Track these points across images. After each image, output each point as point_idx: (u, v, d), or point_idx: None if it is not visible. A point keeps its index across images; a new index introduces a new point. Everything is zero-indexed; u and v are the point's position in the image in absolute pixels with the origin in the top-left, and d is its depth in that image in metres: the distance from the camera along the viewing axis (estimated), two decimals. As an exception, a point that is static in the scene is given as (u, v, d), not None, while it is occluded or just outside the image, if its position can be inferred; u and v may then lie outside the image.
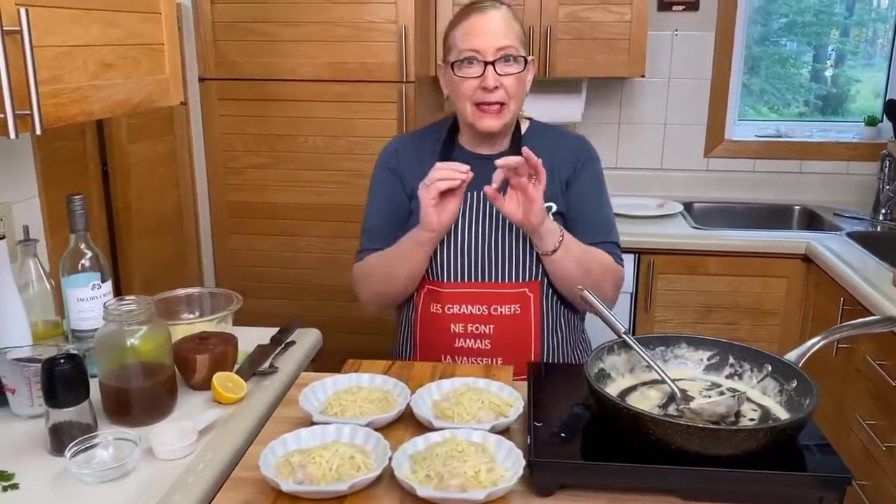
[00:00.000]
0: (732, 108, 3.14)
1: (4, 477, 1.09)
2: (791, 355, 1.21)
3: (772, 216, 3.03)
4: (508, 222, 1.51)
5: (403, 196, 1.63)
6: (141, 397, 1.24)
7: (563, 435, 1.12)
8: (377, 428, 1.17)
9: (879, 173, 2.86)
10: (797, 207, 3.03)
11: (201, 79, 2.57)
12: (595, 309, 1.31)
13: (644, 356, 1.23)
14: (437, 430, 1.14)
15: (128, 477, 1.10)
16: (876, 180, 2.89)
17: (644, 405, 1.15)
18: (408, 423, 1.22)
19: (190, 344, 1.38)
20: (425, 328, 1.59)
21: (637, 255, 2.60)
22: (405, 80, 2.47)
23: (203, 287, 2.11)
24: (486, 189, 1.41)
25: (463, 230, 1.55)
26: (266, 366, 1.45)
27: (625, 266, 1.63)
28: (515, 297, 1.55)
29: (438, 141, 1.64)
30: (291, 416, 1.25)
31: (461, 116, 1.58)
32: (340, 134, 2.55)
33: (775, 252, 2.55)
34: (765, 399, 1.20)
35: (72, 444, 1.11)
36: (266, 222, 2.67)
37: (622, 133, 3.17)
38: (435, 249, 1.54)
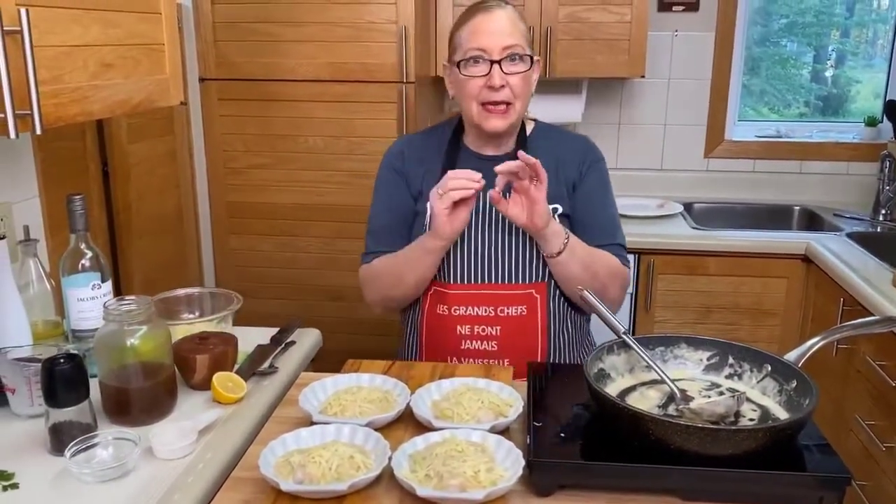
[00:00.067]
0: (732, 109, 3.14)
1: (4, 476, 1.09)
2: (791, 355, 1.21)
3: (772, 217, 3.03)
4: (514, 224, 1.51)
5: (409, 197, 1.62)
6: (141, 397, 1.24)
7: (563, 435, 1.12)
8: (377, 428, 1.17)
9: (879, 174, 2.86)
10: (797, 208, 3.04)
11: (201, 79, 2.58)
12: (595, 309, 1.31)
13: (643, 356, 1.23)
14: (437, 430, 1.14)
15: (127, 476, 1.10)
16: (876, 181, 2.89)
17: (643, 405, 1.15)
18: (407, 423, 1.22)
19: (190, 344, 1.38)
20: (431, 330, 1.59)
21: (637, 256, 2.60)
22: (405, 81, 2.47)
23: (203, 287, 2.11)
24: (490, 193, 1.41)
25: (469, 232, 1.54)
26: (266, 366, 1.46)
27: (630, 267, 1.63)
28: (522, 299, 1.54)
29: (443, 142, 1.63)
30: (291, 416, 1.25)
31: (467, 117, 1.57)
32: (340, 134, 2.56)
33: (775, 252, 2.55)
34: (764, 399, 1.20)
35: (72, 444, 1.11)
36: (266, 222, 2.67)
37: (622, 133, 3.17)
38: None
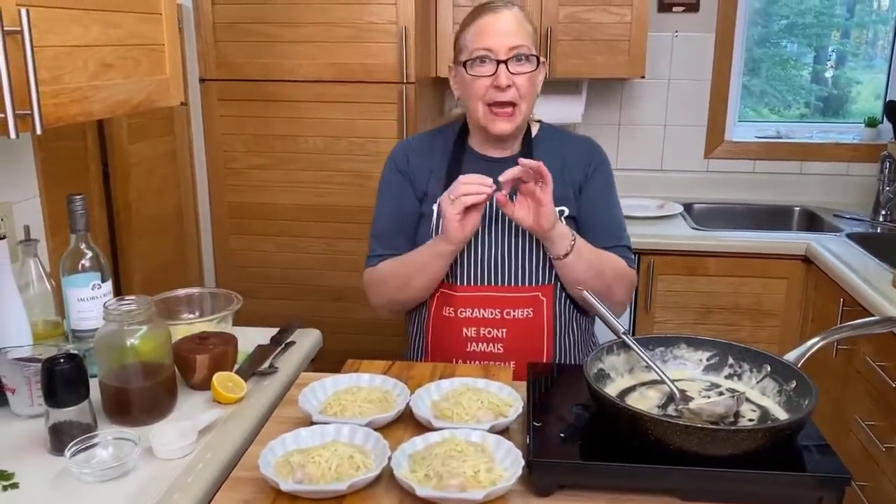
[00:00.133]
0: (732, 110, 3.14)
1: (4, 476, 1.09)
2: (790, 356, 1.21)
3: (772, 217, 3.03)
4: (520, 227, 1.50)
5: (414, 199, 1.61)
6: (141, 397, 1.24)
7: (562, 435, 1.13)
8: (377, 428, 1.17)
9: (879, 174, 2.87)
10: (797, 208, 3.03)
11: (202, 79, 2.58)
12: (595, 309, 1.31)
13: (643, 356, 1.23)
14: (437, 430, 1.14)
15: (127, 476, 1.10)
16: (876, 181, 2.89)
17: (643, 405, 1.15)
18: (407, 423, 1.22)
19: (190, 344, 1.39)
20: (437, 332, 1.58)
21: (637, 256, 2.58)
22: (405, 81, 2.47)
23: (203, 287, 2.11)
24: (497, 196, 1.41)
25: (476, 235, 1.53)
26: (266, 366, 1.46)
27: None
28: (528, 301, 1.54)
29: (448, 144, 1.63)
30: (291, 416, 1.25)
31: (472, 118, 1.56)
32: (341, 135, 2.56)
33: (775, 253, 2.55)
34: (764, 399, 1.20)
35: (72, 444, 1.11)
36: (266, 223, 2.67)
37: (622, 134, 3.17)
38: None
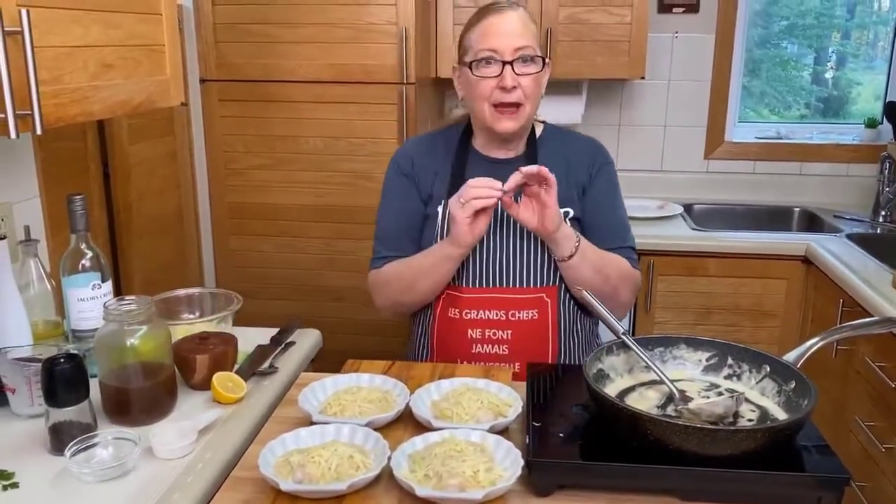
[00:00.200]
0: (732, 110, 3.14)
1: (4, 476, 1.09)
2: (790, 356, 1.21)
3: (772, 218, 3.03)
4: (525, 228, 1.50)
5: (419, 201, 1.61)
6: (141, 397, 1.24)
7: (562, 435, 1.13)
8: (376, 428, 1.17)
9: (879, 175, 2.87)
10: (797, 209, 3.04)
11: (202, 80, 2.58)
12: (594, 309, 1.32)
13: (642, 357, 1.23)
14: (436, 430, 1.15)
15: (127, 476, 1.10)
16: (876, 182, 2.89)
17: (642, 405, 1.15)
18: (407, 423, 1.22)
19: (190, 344, 1.39)
20: (442, 333, 1.58)
21: (637, 257, 2.59)
22: (405, 82, 2.47)
23: (203, 287, 2.11)
24: (502, 198, 1.41)
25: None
26: (266, 366, 1.46)
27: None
28: (533, 303, 1.54)
29: (452, 145, 1.62)
30: (291, 416, 1.25)
31: (478, 119, 1.56)
32: (341, 135, 2.56)
33: (775, 254, 2.55)
34: (763, 400, 1.20)
35: (71, 444, 1.11)
36: (266, 223, 2.67)
37: (622, 135, 3.17)
38: None
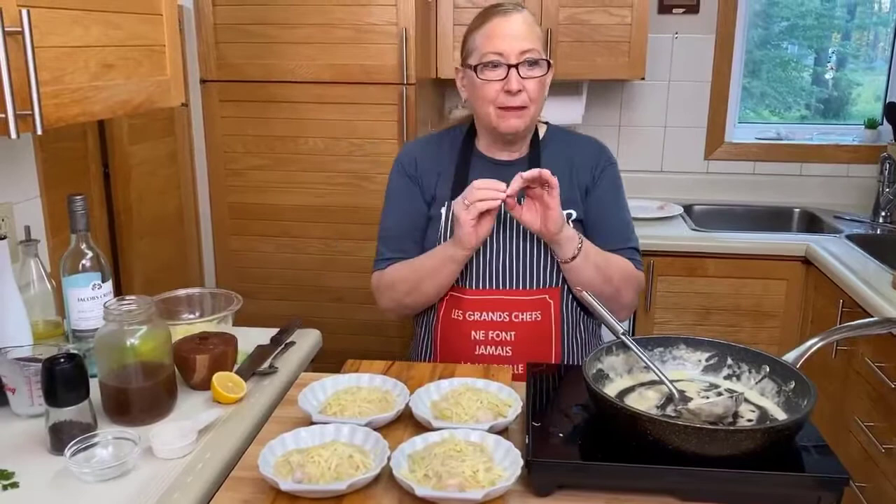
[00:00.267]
0: (732, 111, 3.15)
1: (4, 476, 1.09)
2: (789, 356, 1.21)
3: (772, 218, 3.03)
4: (528, 230, 1.50)
5: (422, 203, 1.61)
6: (141, 397, 1.24)
7: (561, 435, 1.13)
8: (376, 428, 1.17)
9: (879, 176, 2.87)
10: (797, 210, 3.04)
11: (202, 80, 2.58)
12: (594, 309, 1.32)
13: (642, 357, 1.23)
14: (436, 430, 1.15)
15: (127, 476, 1.10)
16: (876, 183, 2.90)
17: (642, 406, 1.15)
18: (407, 423, 1.22)
19: (190, 344, 1.39)
20: (446, 335, 1.58)
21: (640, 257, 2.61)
22: (406, 83, 2.47)
23: (203, 287, 2.12)
24: (504, 200, 1.40)
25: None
26: (266, 366, 1.46)
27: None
28: (536, 304, 1.54)
29: (455, 146, 1.62)
30: (291, 416, 1.26)
31: (482, 120, 1.56)
32: (341, 136, 2.56)
33: (775, 254, 2.55)
34: (763, 400, 1.20)
35: (71, 444, 1.11)
36: (267, 224, 2.67)
37: (622, 135, 3.17)
38: None
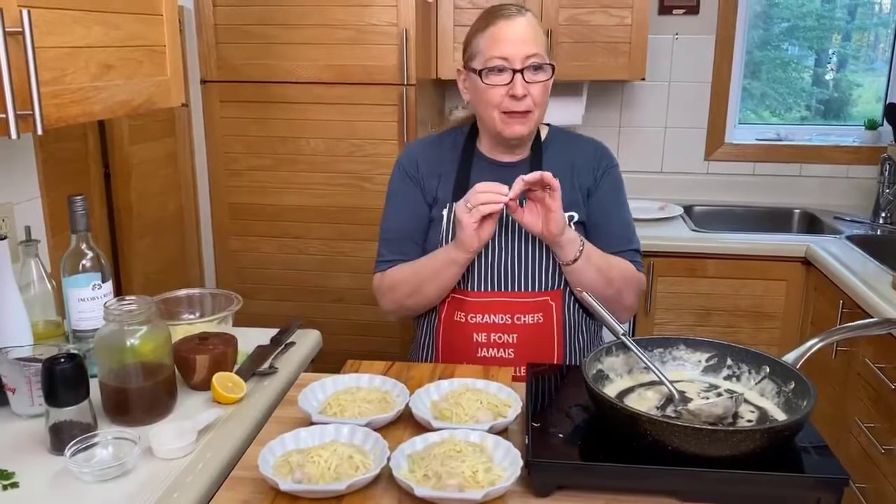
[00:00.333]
0: (732, 112, 3.15)
1: (4, 476, 1.09)
2: (789, 357, 1.21)
3: (772, 219, 3.03)
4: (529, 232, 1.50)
5: (424, 204, 1.61)
6: (141, 397, 1.24)
7: (561, 435, 1.13)
8: (376, 428, 1.17)
9: (879, 177, 2.87)
10: (797, 211, 3.04)
11: (203, 81, 2.58)
12: (594, 310, 1.32)
13: (641, 357, 1.23)
14: (436, 431, 1.15)
15: (127, 476, 1.10)
16: (876, 184, 2.90)
17: (642, 406, 1.15)
18: (406, 424, 1.22)
19: (190, 344, 1.39)
20: (448, 337, 1.58)
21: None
22: (406, 83, 2.47)
23: (203, 288, 2.12)
24: (506, 202, 1.40)
25: None
26: (266, 366, 1.46)
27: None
28: (538, 306, 1.54)
29: (457, 148, 1.62)
30: (291, 417, 1.26)
31: (485, 124, 1.55)
32: (341, 136, 2.56)
33: (775, 255, 2.55)
34: (762, 400, 1.20)
35: (71, 444, 1.11)
36: (267, 224, 2.67)
37: (623, 136, 3.17)
38: None
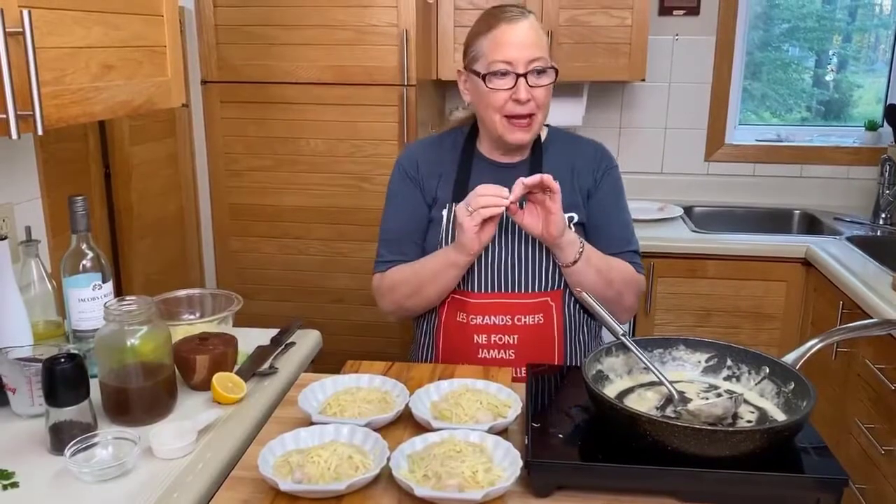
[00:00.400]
0: (733, 113, 3.15)
1: (4, 475, 1.09)
2: (789, 357, 1.21)
3: (772, 220, 3.03)
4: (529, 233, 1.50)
5: (424, 205, 1.61)
6: (141, 397, 1.24)
7: (561, 436, 1.13)
8: (376, 428, 1.17)
9: (879, 178, 2.87)
10: (797, 211, 3.04)
11: (203, 81, 2.58)
12: (593, 310, 1.32)
13: (641, 358, 1.23)
14: (436, 431, 1.15)
15: (127, 476, 1.10)
16: (876, 185, 2.90)
17: (641, 407, 1.15)
18: (406, 424, 1.22)
19: (190, 344, 1.39)
20: (448, 338, 1.58)
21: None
22: (406, 84, 2.47)
23: (204, 288, 2.12)
24: (507, 204, 1.40)
25: None
26: (266, 367, 1.46)
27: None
28: (538, 307, 1.54)
29: (457, 148, 1.62)
30: (291, 417, 1.26)
31: (487, 126, 1.55)
32: (342, 137, 2.56)
33: (775, 256, 2.55)
34: (762, 401, 1.20)
35: (71, 444, 1.11)
36: (267, 224, 2.67)
37: (623, 137, 3.17)
38: None
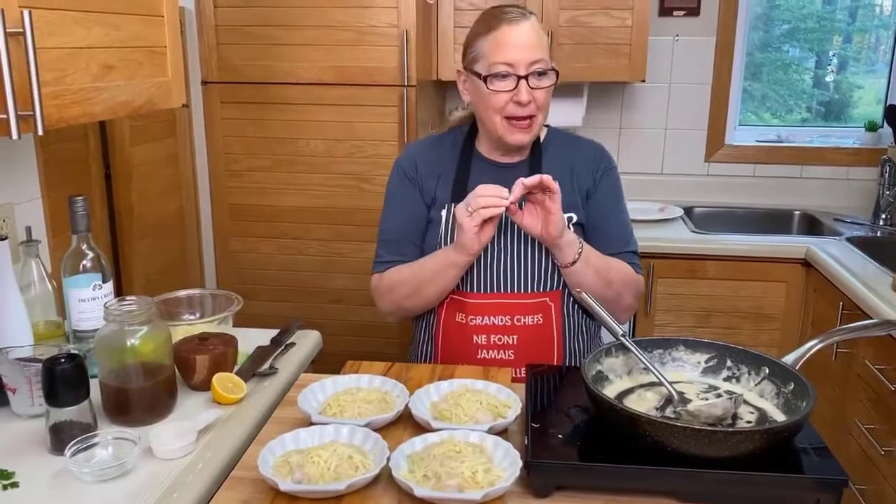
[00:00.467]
0: (733, 114, 3.15)
1: (4, 475, 1.10)
2: (788, 358, 1.21)
3: (772, 221, 3.03)
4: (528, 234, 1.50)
5: (423, 206, 1.60)
6: (141, 397, 1.25)
7: (561, 436, 1.13)
8: (376, 428, 1.18)
9: (879, 178, 2.87)
10: (797, 212, 3.04)
11: (204, 82, 2.58)
12: (593, 310, 1.32)
13: (641, 358, 1.23)
14: (436, 431, 1.15)
15: (127, 476, 1.10)
16: (876, 185, 2.90)
17: (641, 407, 1.15)
18: (406, 424, 1.22)
19: (190, 345, 1.39)
20: (448, 339, 1.58)
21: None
22: (406, 84, 2.47)
23: (204, 288, 2.12)
24: (506, 205, 1.40)
25: None
26: (266, 367, 1.46)
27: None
28: (537, 307, 1.54)
29: (456, 148, 1.62)
30: (290, 417, 1.26)
31: (487, 127, 1.55)
32: (342, 137, 2.56)
33: (775, 257, 2.55)
34: (762, 401, 1.20)
35: (72, 444, 1.11)
36: (267, 225, 2.67)
37: (623, 137, 3.17)
38: None
